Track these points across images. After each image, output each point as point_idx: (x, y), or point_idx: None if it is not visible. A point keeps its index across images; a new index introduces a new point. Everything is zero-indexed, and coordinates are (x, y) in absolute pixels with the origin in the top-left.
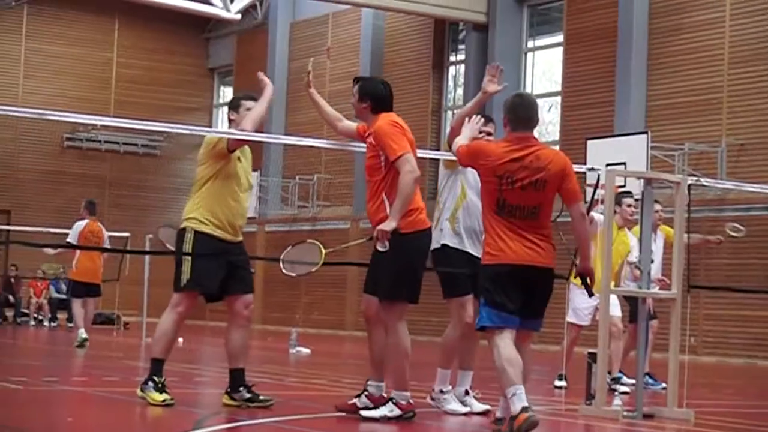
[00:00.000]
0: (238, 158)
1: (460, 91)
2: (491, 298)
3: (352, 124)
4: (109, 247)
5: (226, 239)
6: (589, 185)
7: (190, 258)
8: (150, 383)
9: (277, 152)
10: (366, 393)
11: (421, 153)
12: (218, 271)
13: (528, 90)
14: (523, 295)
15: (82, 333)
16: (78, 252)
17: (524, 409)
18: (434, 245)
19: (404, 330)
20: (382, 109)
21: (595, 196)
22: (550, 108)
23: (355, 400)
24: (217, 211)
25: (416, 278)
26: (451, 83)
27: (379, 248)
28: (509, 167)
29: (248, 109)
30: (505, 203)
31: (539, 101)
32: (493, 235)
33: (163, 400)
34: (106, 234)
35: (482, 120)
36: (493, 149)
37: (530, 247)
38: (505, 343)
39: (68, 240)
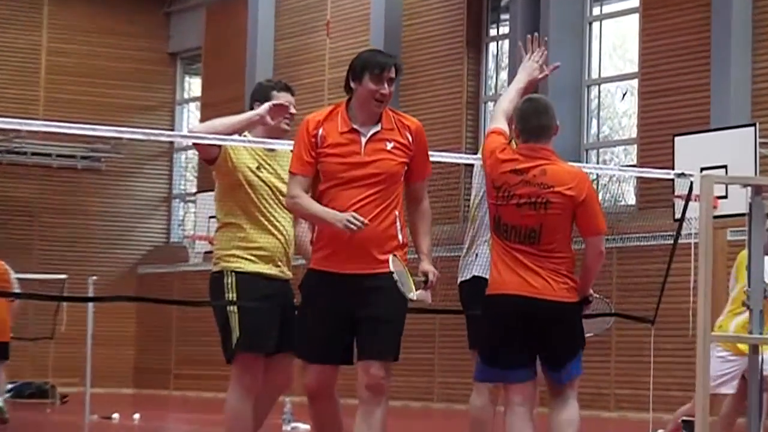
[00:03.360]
0: (258, 168)
1: (504, 75)
2: (481, 342)
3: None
4: (19, 291)
5: (275, 276)
6: (678, 197)
7: (236, 309)
8: None
9: None
10: None
11: (454, 158)
12: (273, 320)
13: (594, 73)
14: (528, 339)
15: None
16: None
17: None
18: (464, 276)
19: None
20: None
21: (686, 212)
22: (624, 95)
23: None
24: (258, 238)
25: None
26: (491, 65)
27: (414, 297)
28: (508, 179)
29: None
30: (500, 221)
31: (609, 86)
32: (492, 260)
33: None
34: (14, 276)
35: (543, 58)
36: (500, 153)
37: (526, 276)
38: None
39: None
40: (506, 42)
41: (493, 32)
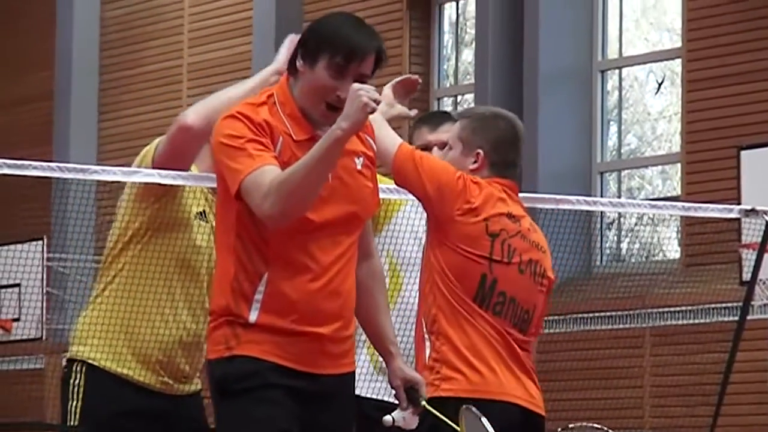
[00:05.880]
0: (201, 216)
1: (467, 53)
2: None
3: None
4: None
5: (154, 389)
6: (746, 246)
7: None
8: None
9: None
10: None
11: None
12: None
13: (612, 50)
14: None
15: None
16: None
17: None
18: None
19: None
20: None
21: (760, 271)
22: (660, 85)
23: None
24: (149, 323)
25: None
26: (447, 38)
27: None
28: (506, 224)
29: None
30: (494, 288)
31: (636, 71)
32: (464, 346)
33: None
34: None
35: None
36: (477, 180)
37: (524, 379)
38: None
39: None
40: (470, 2)
41: None
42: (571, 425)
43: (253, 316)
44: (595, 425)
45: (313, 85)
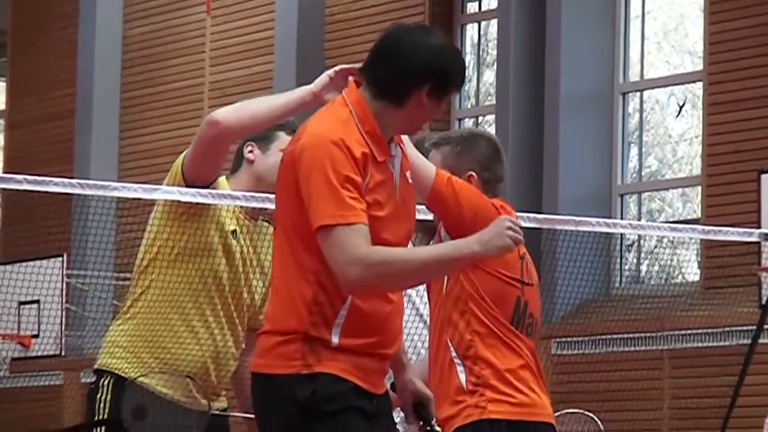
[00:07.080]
0: (233, 234)
1: (489, 75)
2: None
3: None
4: None
5: (186, 406)
6: (765, 269)
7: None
8: None
9: None
10: None
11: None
12: None
13: (633, 72)
14: None
15: None
16: None
17: None
18: None
19: None
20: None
21: None
22: (681, 108)
23: None
24: (172, 340)
25: None
26: (470, 58)
27: None
28: (520, 246)
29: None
30: (526, 310)
31: (657, 94)
32: (506, 369)
33: None
34: None
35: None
36: (502, 204)
37: (547, 397)
38: None
39: None
40: (492, 23)
41: (472, 7)
42: (556, 413)
43: (335, 339)
44: (576, 410)
45: (433, 112)
